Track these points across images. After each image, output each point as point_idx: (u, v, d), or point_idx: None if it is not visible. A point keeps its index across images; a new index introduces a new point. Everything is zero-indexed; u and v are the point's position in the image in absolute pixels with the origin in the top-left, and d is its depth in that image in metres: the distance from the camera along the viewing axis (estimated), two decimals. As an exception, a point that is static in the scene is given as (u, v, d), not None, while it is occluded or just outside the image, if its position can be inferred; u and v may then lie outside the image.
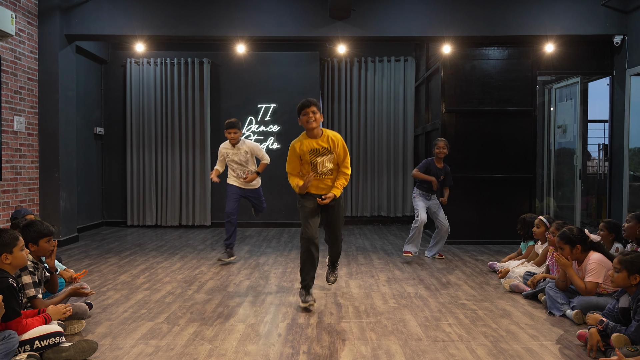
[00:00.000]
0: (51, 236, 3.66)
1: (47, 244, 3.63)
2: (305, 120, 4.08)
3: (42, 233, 3.60)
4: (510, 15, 6.96)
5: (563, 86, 8.33)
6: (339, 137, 4.20)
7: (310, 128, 4.10)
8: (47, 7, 6.98)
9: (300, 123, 4.14)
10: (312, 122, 4.06)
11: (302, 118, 4.11)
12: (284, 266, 5.86)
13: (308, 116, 4.06)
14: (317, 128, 4.12)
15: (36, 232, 3.59)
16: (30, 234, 3.56)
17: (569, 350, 3.30)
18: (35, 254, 3.60)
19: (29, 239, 3.55)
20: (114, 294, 4.60)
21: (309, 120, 4.06)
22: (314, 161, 4.14)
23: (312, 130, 4.11)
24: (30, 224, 3.64)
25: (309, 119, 4.06)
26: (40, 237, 3.59)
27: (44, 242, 3.61)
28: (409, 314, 4.07)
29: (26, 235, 3.53)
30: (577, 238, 4.02)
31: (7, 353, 2.82)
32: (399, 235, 8.25)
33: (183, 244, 7.36)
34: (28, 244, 3.54)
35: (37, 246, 3.58)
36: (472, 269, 5.78)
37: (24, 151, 6.78)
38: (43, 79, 7.05)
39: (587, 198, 8.31)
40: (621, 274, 3.26)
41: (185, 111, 9.16)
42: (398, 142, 9.44)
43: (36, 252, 3.59)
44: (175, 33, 7.11)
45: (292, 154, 4.18)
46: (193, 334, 3.57)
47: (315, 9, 6.99)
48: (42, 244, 3.60)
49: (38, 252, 3.60)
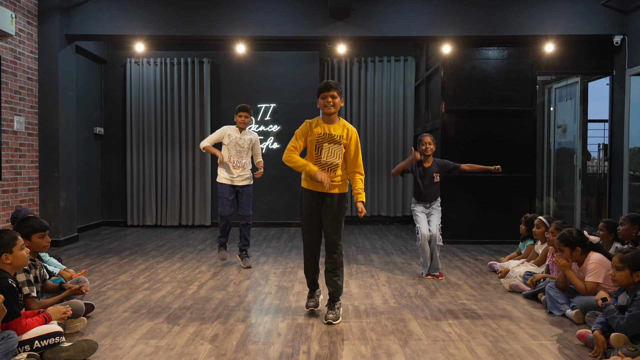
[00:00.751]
0: (45, 231, 3.64)
1: (41, 239, 3.61)
2: (324, 104, 3.84)
3: (34, 228, 3.59)
4: (510, 15, 6.96)
5: (563, 86, 8.33)
6: (355, 131, 3.94)
7: (327, 112, 3.85)
8: (47, 7, 6.98)
9: (319, 106, 3.89)
10: (331, 106, 3.82)
11: (320, 101, 3.86)
12: (284, 266, 5.86)
13: (326, 100, 3.82)
14: (335, 114, 3.89)
15: (28, 227, 3.58)
16: (22, 230, 3.55)
17: (569, 350, 3.30)
18: (29, 249, 3.58)
19: (22, 235, 3.53)
20: (114, 294, 4.60)
21: (327, 105, 3.82)
22: (320, 146, 3.87)
23: (330, 115, 3.87)
24: (24, 220, 3.64)
25: (327, 103, 3.82)
26: (32, 232, 3.58)
27: (37, 238, 3.60)
28: (409, 314, 4.07)
29: (19, 230, 3.52)
30: (576, 240, 4.01)
31: (7, 353, 2.82)
32: (399, 235, 8.25)
33: (183, 244, 7.36)
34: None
35: (29, 241, 3.56)
36: (472, 268, 5.78)
37: (24, 151, 6.78)
38: (43, 79, 7.05)
39: (587, 198, 8.31)
40: (623, 272, 3.25)
41: (185, 111, 9.16)
42: (398, 141, 9.45)
43: (30, 247, 3.55)
44: (175, 33, 7.11)
45: (302, 129, 3.93)
46: (193, 334, 3.57)
47: (315, 8, 6.99)
48: (35, 239, 3.59)
49: (32, 247, 3.58)
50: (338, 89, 3.85)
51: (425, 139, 5.28)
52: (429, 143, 5.26)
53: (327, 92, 3.83)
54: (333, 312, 3.88)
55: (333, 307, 3.92)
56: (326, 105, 3.83)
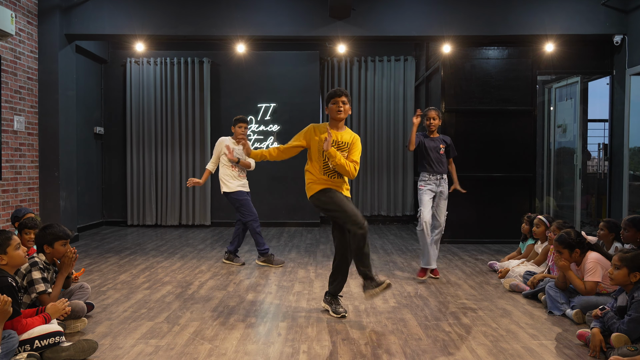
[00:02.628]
0: (67, 240, 3.67)
1: (63, 247, 3.64)
2: (335, 110, 3.91)
3: (57, 236, 3.63)
4: (510, 14, 6.95)
5: (563, 85, 8.33)
6: (359, 139, 4.04)
7: (337, 118, 3.92)
8: (47, 7, 6.98)
9: (328, 112, 3.97)
10: (341, 112, 3.90)
11: (331, 107, 3.93)
12: (284, 266, 5.86)
13: (337, 105, 3.90)
14: (343, 121, 3.98)
15: (52, 235, 3.61)
16: (46, 237, 3.61)
17: (569, 350, 3.30)
18: (50, 256, 3.63)
19: (45, 241, 3.60)
20: (114, 294, 4.60)
21: (339, 110, 3.90)
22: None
23: (339, 121, 3.95)
24: (48, 227, 3.67)
25: (338, 108, 3.90)
26: (55, 239, 3.62)
27: (59, 245, 3.63)
28: (409, 313, 4.07)
29: (43, 237, 3.60)
30: (575, 242, 4.00)
31: (7, 352, 2.83)
32: (399, 235, 8.25)
33: (183, 244, 7.36)
34: (43, 245, 3.59)
35: (52, 248, 3.62)
36: (472, 268, 5.78)
37: (24, 151, 6.78)
38: (43, 79, 7.04)
39: (587, 197, 8.31)
40: (621, 271, 3.26)
41: (185, 111, 9.16)
42: (398, 141, 9.45)
43: (51, 254, 3.63)
44: (175, 33, 7.11)
45: (306, 131, 3.96)
46: (193, 334, 3.57)
47: (315, 8, 6.99)
48: (57, 246, 3.63)
49: (53, 254, 3.64)
50: (348, 95, 3.96)
51: (429, 113, 5.27)
52: (433, 118, 5.24)
53: (338, 98, 3.92)
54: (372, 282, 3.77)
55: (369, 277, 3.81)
56: (338, 110, 3.91)
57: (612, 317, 3.21)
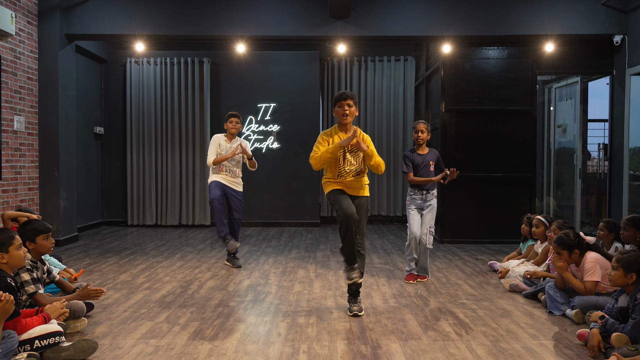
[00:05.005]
0: (49, 233, 3.67)
1: (46, 241, 3.64)
2: (341, 113, 3.98)
3: (38, 230, 3.62)
4: (510, 14, 6.95)
5: (563, 85, 8.33)
6: (369, 138, 4.09)
7: (344, 122, 4.00)
8: (47, 7, 6.98)
9: (334, 114, 4.06)
10: (347, 115, 3.96)
11: (337, 110, 4.01)
12: (284, 266, 5.86)
13: (343, 109, 3.96)
14: (350, 123, 4.04)
15: (32, 230, 3.61)
16: (26, 233, 3.59)
17: (569, 350, 3.30)
18: (34, 252, 3.61)
19: (26, 237, 3.57)
20: (114, 294, 4.60)
21: (344, 113, 3.96)
22: (343, 155, 3.99)
23: (346, 124, 4.02)
24: (27, 223, 3.66)
25: (344, 112, 3.96)
26: (36, 234, 3.61)
27: (42, 240, 3.63)
28: (409, 313, 4.07)
29: (23, 233, 3.56)
30: (574, 243, 4.00)
31: (7, 353, 2.82)
32: (399, 235, 8.25)
33: (183, 244, 7.36)
34: (25, 242, 3.56)
35: (34, 244, 3.60)
36: (472, 268, 5.78)
37: (24, 151, 6.78)
38: (43, 79, 7.04)
39: (587, 197, 8.31)
40: (618, 272, 3.27)
41: (185, 111, 9.16)
42: (398, 141, 9.45)
43: (35, 249, 3.62)
44: (175, 33, 7.11)
45: (322, 139, 4.01)
46: (193, 334, 3.57)
47: (315, 8, 6.99)
48: (39, 241, 3.62)
49: (37, 249, 3.63)
50: (354, 98, 4.01)
51: (418, 126, 5.08)
52: (422, 131, 5.05)
53: (344, 101, 3.98)
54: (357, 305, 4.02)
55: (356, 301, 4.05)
56: (344, 114, 3.97)
57: (614, 324, 3.20)
